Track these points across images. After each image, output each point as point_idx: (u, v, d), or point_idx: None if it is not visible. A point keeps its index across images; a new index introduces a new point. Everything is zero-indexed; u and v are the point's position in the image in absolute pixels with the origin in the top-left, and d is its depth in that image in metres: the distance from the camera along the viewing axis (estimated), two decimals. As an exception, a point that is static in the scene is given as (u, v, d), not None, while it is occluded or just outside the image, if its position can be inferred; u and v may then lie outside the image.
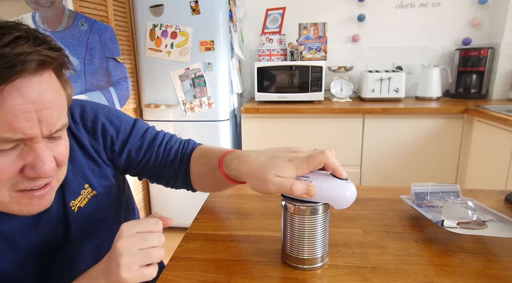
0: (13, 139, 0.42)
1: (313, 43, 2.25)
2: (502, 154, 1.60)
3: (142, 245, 0.47)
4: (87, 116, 0.63)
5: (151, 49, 2.10)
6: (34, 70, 0.42)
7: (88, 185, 0.62)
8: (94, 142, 0.63)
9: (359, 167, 2.06)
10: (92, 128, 0.63)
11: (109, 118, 0.65)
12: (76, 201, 0.60)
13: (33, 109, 0.42)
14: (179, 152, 0.70)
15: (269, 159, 0.51)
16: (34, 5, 1.62)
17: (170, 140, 0.71)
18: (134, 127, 0.68)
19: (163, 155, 0.69)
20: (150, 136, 0.69)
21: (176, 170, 0.69)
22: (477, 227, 0.58)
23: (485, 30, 2.30)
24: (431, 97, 2.23)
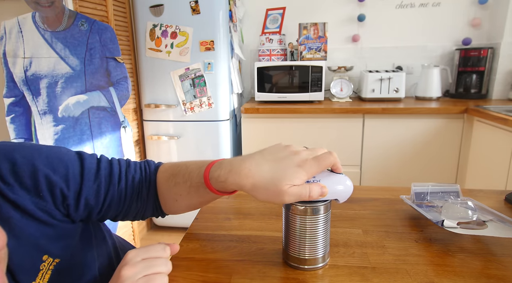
0: None
1: (313, 43, 2.25)
2: (502, 154, 1.60)
3: (147, 271, 0.46)
4: (21, 171, 0.48)
5: (151, 49, 2.10)
6: None
7: (47, 256, 0.50)
8: (40, 201, 0.49)
9: (359, 167, 2.06)
10: (34, 186, 0.49)
11: (51, 166, 0.51)
12: (37, 280, 0.49)
13: None
14: (143, 178, 0.60)
15: (276, 168, 0.48)
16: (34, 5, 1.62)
17: (128, 169, 0.60)
18: (83, 169, 0.55)
19: (126, 189, 0.58)
20: (105, 173, 0.57)
21: (144, 201, 0.60)
22: (477, 227, 0.58)
23: (485, 30, 2.30)
24: (431, 97, 2.23)
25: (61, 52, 1.67)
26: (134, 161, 0.63)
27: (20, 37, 1.64)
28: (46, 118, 1.70)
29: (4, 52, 1.65)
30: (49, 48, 1.65)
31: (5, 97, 1.69)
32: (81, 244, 0.57)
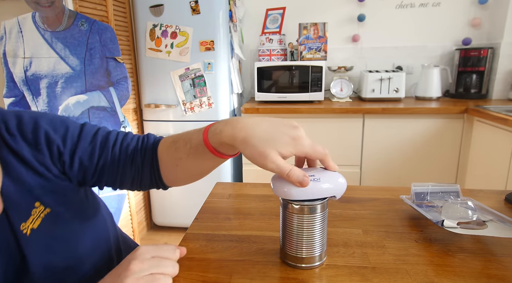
0: None
1: (313, 43, 2.25)
2: (502, 154, 1.60)
3: (153, 270, 0.47)
4: (25, 126, 0.53)
5: (151, 49, 2.10)
6: None
7: (40, 203, 0.53)
8: (38, 154, 0.54)
9: (359, 167, 2.06)
10: (34, 139, 0.53)
11: (53, 126, 0.56)
12: (28, 223, 0.51)
13: None
14: (139, 146, 0.61)
15: (271, 131, 0.49)
16: (34, 5, 1.62)
17: (125, 137, 0.62)
18: (82, 131, 0.59)
19: (120, 154, 0.60)
20: (102, 138, 0.60)
21: (139, 167, 0.60)
22: (477, 227, 0.58)
23: (485, 30, 2.30)
24: (431, 97, 2.23)
25: (61, 52, 1.67)
26: (134, 134, 0.64)
27: (20, 37, 1.64)
28: (46, 118, 1.70)
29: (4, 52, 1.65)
30: (49, 48, 1.65)
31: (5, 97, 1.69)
32: (78, 217, 0.58)
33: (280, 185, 0.49)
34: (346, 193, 0.82)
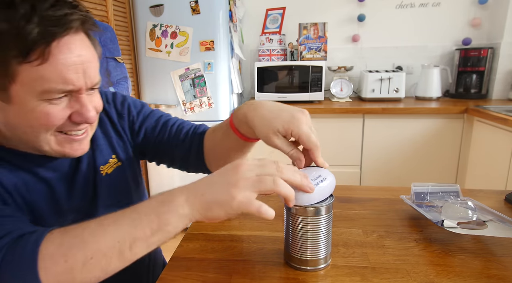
0: (64, 90, 0.49)
1: (313, 43, 2.25)
2: (502, 154, 1.60)
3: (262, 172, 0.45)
4: (117, 99, 0.73)
5: (151, 49, 2.10)
6: (75, 29, 0.49)
7: (115, 156, 0.69)
8: (121, 120, 0.72)
9: (359, 167, 2.06)
10: (121, 109, 0.72)
11: (134, 103, 0.75)
12: (105, 167, 0.66)
13: (79, 62, 0.49)
14: (190, 131, 0.73)
15: (276, 109, 0.54)
16: (34, 5, 1.61)
17: (182, 123, 0.75)
18: (152, 111, 0.75)
19: (175, 133, 0.72)
20: (165, 119, 0.75)
21: (187, 148, 0.71)
22: (477, 227, 0.58)
23: (485, 30, 2.30)
24: (431, 97, 2.23)
25: (61, 52, 1.66)
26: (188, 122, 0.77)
27: (20, 37, 1.63)
28: (46, 118, 1.69)
29: (4, 52, 1.64)
30: (49, 48, 1.65)
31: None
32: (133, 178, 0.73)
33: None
34: (346, 193, 0.82)
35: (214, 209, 0.43)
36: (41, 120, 0.49)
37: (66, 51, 0.48)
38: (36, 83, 0.47)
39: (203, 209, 0.43)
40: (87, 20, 0.51)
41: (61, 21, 0.46)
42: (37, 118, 0.49)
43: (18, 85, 0.47)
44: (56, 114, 0.50)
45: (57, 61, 0.47)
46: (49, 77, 0.47)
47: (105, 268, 0.42)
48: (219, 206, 0.43)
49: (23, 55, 0.45)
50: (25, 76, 0.46)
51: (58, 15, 0.46)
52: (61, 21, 0.46)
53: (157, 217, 0.43)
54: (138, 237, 0.42)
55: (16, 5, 0.44)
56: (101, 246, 0.42)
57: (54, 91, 0.48)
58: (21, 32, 0.44)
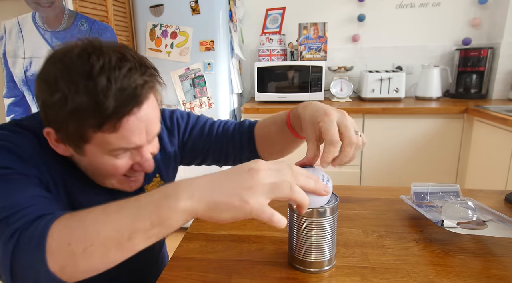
0: (127, 148, 0.56)
1: (313, 43, 2.25)
2: (502, 154, 1.60)
3: (275, 177, 0.43)
4: (166, 116, 0.78)
5: (151, 49, 2.10)
6: (145, 98, 0.53)
7: (159, 175, 0.74)
8: (172, 137, 0.77)
9: (359, 167, 2.06)
10: (170, 126, 0.77)
11: (181, 114, 0.80)
12: (149, 186, 0.72)
13: (143, 126, 0.55)
14: (236, 128, 0.79)
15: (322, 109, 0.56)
16: (34, 5, 1.62)
17: (226, 122, 0.81)
18: (198, 119, 0.81)
19: (222, 135, 0.78)
20: (210, 124, 0.80)
21: (237, 145, 0.77)
22: (477, 227, 0.58)
23: (485, 30, 2.30)
24: (431, 97, 2.23)
25: (61, 52, 1.67)
26: (232, 121, 0.82)
27: (20, 37, 1.64)
28: (46, 118, 1.70)
29: (4, 52, 1.65)
30: (49, 48, 1.65)
31: (5, 97, 1.69)
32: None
33: None
34: (346, 193, 0.82)
35: (222, 211, 0.41)
36: (108, 170, 0.57)
37: (134, 120, 0.53)
38: (104, 145, 0.53)
39: (209, 208, 0.42)
40: (156, 84, 0.56)
41: (134, 95, 0.51)
42: (104, 168, 0.57)
43: (91, 145, 0.54)
44: (120, 166, 0.57)
45: (124, 130, 0.52)
46: (115, 141, 0.53)
47: (104, 257, 0.42)
48: (228, 209, 0.41)
49: (98, 126, 0.50)
50: (96, 140, 0.53)
51: (132, 88, 0.50)
52: (134, 95, 0.51)
53: (159, 210, 0.42)
54: (137, 229, 0.42)
55: (94, 78, 0.48)
56: (101, 234, 0.42)
57: (119, 150, 0.55)
58: (99, 107, 0.49)
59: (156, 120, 0.58)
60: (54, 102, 0.49)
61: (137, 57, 0.54)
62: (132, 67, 0.51)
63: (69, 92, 0.48)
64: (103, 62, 0.49)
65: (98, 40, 0.54)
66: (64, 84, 0.49)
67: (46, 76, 0.51)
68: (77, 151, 0.55)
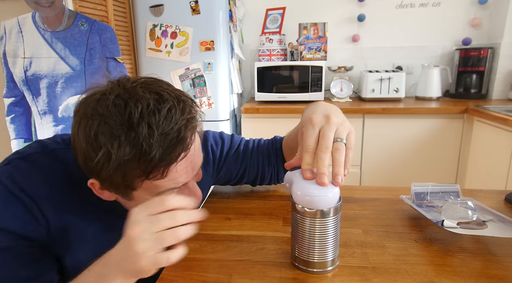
0: (176, 187, 0.54)
1: (313, 43, 2.25)
2: (502, 154, 1.60)
3: (154, 229, 0.44)
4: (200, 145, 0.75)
5: (151, 49, 2.10)
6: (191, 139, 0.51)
7: None
8: (207, 166, 0.74)
9: (359, 167, 2.06)
10: (205, 154, 0.74)
11: (215, 139, 0.78)
12: None
13: (189, 165, 0.54)
14: (271, 148, 0.78)
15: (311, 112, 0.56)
16: (34, 5, 1.62)
17: (259, 142, 0.80)
18: (231, 142, 0.79)
19: (258, 154, 0.77)
20: (244, 147, 0.79)
21: (274, 165, 0.77)
22: (477, 227, 0.58)
23: (485, 30, 2.30)
24: (431, 97, 2.23)
25: (61, 52, 1.67)
26: (264, 139, 0.81)
27: (20, 37, 1.64)
28: (46, 118, 1.70)
29: (4, 52, 1.65)
30: (49, 48, 1.65)
31: (5, 97, 1.69)
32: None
33: (304, 192, 0.47)
34: (346, 193, 0.82)
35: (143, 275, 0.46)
36: None
37: (182, 164, 0.51)
38: (152, 189, 0.52)
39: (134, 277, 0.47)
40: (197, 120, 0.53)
41: (178, 139, 0.48)
42: None
43: (138, 191, 0.52)
44: None
45: (172, 174, 0.51)
46: (164, 185, 0.52)
47: None
48: (142, 274, 0.46)
49: (145, 176, 0.49)
50: (144, 186, 0.51)
51: (174, 131, 0.48)
52: (178, 139, 0.48)
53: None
54: None
55: (135, 127, 0.46)
56: None
57: (167, 190, 0.53)
58: (144, 157, 0.47)
59: (200, 154, 0.57)
60: (98, 159, 0.47)
61: (174, 93, 0.51)
62: (171, 107, 0.49)
63: (111, 147, 0.46)
64: (142, 108, 0.47)
65: (129, 80, 0.51)
66: (106, 139, 0.46)
67: (85, 130, 0.48)
68: (125, 197, 0.54)
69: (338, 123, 0.53)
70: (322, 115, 0.53)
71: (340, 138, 0.51)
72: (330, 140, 0.50)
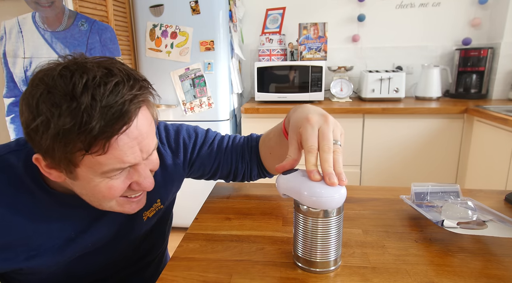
0: (122, 168, 0.52)
1: (313, 43, 2.25)
2: (502, 154, 1.60)
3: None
4: (170, 137, 0.75)
5: (151, 49, 2.10)
6: (135, 114, 0.49)
7: (160, 200, 0.72)
8: (177, 159, 0.74)
9: (359, 167, 2.06)
10: (176, 148, 0.74)
11: (188, 133, 0.76)
12: (147, 212, 0.70)
13: (136, 144, 0.51)
14: (245, 145, 0.77)
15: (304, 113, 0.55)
16: (34, 5, 1.62)
17: (234, 139, 0.79)
18: (206, 135, 0.78)
19: (231, 153, 0.76)
20: (218, 141, 0.78)
21: (248, 161, 0.76)
22: (477, 227, 0.58)
23: (485, 30, 2.30)
24: (431, 97, 2.23)
25: (61, 52, 1.67)
26: (240, 136, 0.80)
27: (20, 37, 1.64)
28: (46, 118, 1.69)
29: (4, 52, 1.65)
30: (49, 48, 1.65)
31: (5, 97, 1.69)
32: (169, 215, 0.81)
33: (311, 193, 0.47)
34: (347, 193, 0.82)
35: None
36: (103, 193, 0.53)
37: (124, 139, 0.49)
38: (96, 167, 0.50)
39: None
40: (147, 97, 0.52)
41: (121, 112, 0.46)
42: (100, 192, 0.53)
43: (82, 168, 0.50)
44: (116, 187, 0.54)
45: (115, 151, 0.49)
46: (107, 162, 0.49)
47: None
48: None
49: (86, 149, 0.47)
50: (87, 163, 0.49)
51: (118, 104, 0.46)
52: (121, 112, 0.46)
53: None
54: None
55: (78, 97, 0.45)
56: None
57: (113, 171, 0.51)
58: (84, 129, 0.45)
59: (151, 136, 0.55)
60: (38, 127, 0.46)
61: (125, 70, 0.49)
62: (119, 82, 0.47)
63: (51, 116, 0.45)
64: (87, 79, 0.46)
65: (83, 56, 0.50)
66: (46, 107, 0.45)
67: (28, 99, 0.47)
68: (69, 176, 0.52)
69: (334, 123, 0.53)
70: (318, 115, 0.53)
71: (336, 140, 0.51)
72: (331, 141, 0.50)
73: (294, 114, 0.58)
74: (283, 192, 0.52)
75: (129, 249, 0.71)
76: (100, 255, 0.66)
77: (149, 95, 0.53)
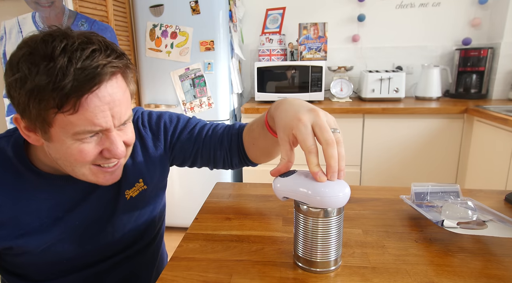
0: (93, 131, 0.54)
1: (313, 43, 2.25)
2: (502, 154, 1.60)
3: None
4: (152, 120, 0.77)
5: (151, 49, 2.10)
6: (108, 78, 0.52)
7: (142, 180, 0.73)
8: (157, 142, 0.76)
9: (359, 167, 2.06)
10: (157, 130, 0.76)
11: (170, 118, 0.78)
12: (130, 191, 0.71)
13: (108, 109, 0.53)
14: (225, 132, 0.77)
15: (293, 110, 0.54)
16: (34, 5, 1.62)
17: (216, 127, 0.80)
18: (187, 122, 0.79)
19: (210, 139, 0.77)
20: (199, 128, 0.78)
21: (226, 148, 0.76)
22: (477, 227, 0.58)
23: (485, 30, 2.30)
24: (431, 97, 2.23)
25: (61, 52, 1.67)
26: (223, 124, 0.81)
27: (20, 37, 1.64)
28: (46, 118, 1.69)
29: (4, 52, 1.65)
30: (49, 48, 1.65)
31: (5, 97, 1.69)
32: (157, 199, 0.79)
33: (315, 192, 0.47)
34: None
35: None
36: (75, 156, 0.55)
37: (95, 100, 0.51)
38: (68, 128, 0.52)
39: None
40: (120, 69, 0.54)
41: (94, 74, 0.49)
42: (72, 155, 0.55)
43: (55, 128, 0.52)
44: (87, 151, 0.55)
45: (85, 111, 0.51)
46: (78, 123, 0.52)
47: None
48: None
49: (58, 107, 0.49)
50: (59, 122, 0.51)
51: (92, 67, 0.49)
52: (94, 74, 0.49)
53: None
54: None
55: (55, 58, 0.48)
56: None
57: (84, 133, 0.53)
58: (57, 86, 0.48)
59: (125, 104, 0.56)
60: (16, 82, 0.50)
61: (105, 42, 0.53)
62: (97, 49, 0.50)
63: (29, 73, 0.48)
64: (65, 44, 0.49)
65: (69, 28, 0.53)
66: (25, 65, 0.49)
67: (11, 59, 0.51)
68: (45, 137, 0.54)
69: (324, 113, 0.52)
70: (307, 111, 0.52)
71: (334, 129, 0.50)
72: (330, 132, 0.49)
73: (278, 112, 0.57)
74: (284, 194, 0.52)
75: (117, 232, 0.71)
76: (88, 236, 0.67)
77: (126, 68, 0.56)
